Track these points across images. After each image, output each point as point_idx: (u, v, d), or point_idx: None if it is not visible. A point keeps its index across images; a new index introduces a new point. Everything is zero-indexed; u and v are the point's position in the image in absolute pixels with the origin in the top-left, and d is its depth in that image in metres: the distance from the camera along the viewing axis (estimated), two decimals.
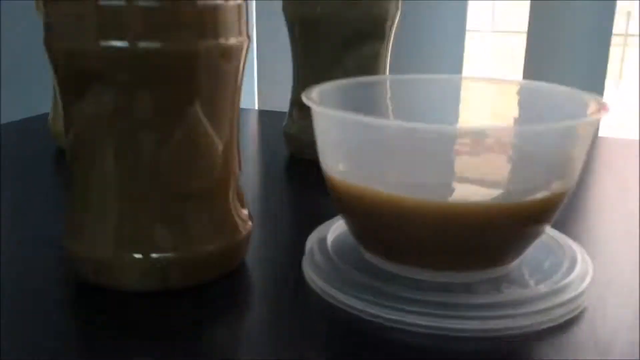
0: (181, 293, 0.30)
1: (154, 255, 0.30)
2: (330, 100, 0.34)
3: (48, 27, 0.29)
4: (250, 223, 0.34)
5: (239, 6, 0.30)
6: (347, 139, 0.31)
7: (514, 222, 0.29)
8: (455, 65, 0.84)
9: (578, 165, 0.31)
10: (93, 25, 0.27)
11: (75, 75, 0.29)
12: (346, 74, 0.49)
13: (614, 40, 0.77)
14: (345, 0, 0.47)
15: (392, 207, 0.28)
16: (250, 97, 0.97)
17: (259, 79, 0.98)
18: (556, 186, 0.30)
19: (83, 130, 0.30)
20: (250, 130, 0.68)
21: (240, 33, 0.30)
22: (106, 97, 0.28)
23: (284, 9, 0.51)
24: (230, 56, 0.30)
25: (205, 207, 0.31)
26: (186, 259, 0.30)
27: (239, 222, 0.33)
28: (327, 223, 0.36)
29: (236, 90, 0.32)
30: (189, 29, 0.28)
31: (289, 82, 0.54)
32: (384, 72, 0.51)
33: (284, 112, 0.55)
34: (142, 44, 0.27)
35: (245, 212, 0.34)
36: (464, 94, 0.38)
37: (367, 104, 0.37)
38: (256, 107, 0.97)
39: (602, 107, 0.29)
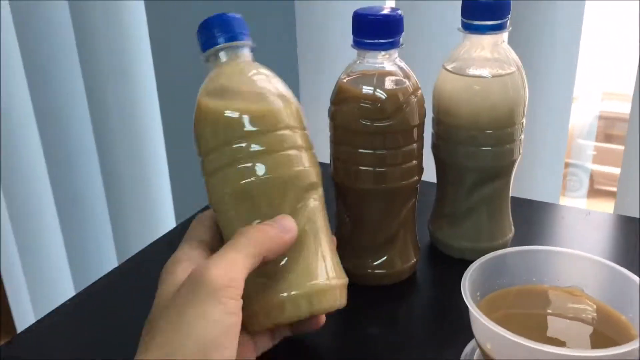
0: None
1: None
2: (479, 277, 0.48)
3: None
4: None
5: None
6: (495, 336, 0.44)
7: None
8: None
9: None
10: None
11: None
12: (480, 200, 0.62)
13: None
14: (477, 149, 0.60)
15: None
16: None
17: None
18: None
19: None
20: None
21: None
22: None
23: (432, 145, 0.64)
24: None
25: None
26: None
27: None
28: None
29: None
30: None
31: None
32: (508, 197, 0.64)
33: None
34: None
35: None
36: (577, 271, 0.50)
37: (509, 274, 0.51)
38: None
39: None
